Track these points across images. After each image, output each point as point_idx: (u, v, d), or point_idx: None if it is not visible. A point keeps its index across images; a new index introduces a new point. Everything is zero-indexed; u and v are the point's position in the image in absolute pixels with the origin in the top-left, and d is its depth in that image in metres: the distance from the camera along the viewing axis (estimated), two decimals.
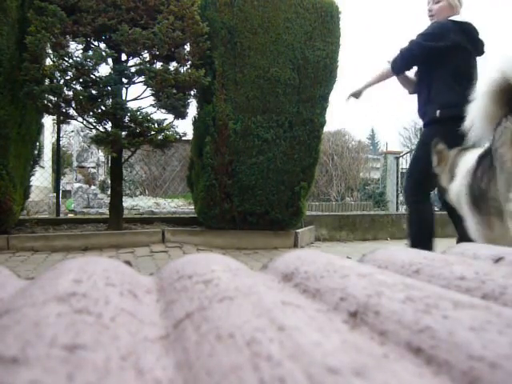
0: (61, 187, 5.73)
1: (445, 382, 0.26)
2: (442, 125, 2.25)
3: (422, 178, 2.41)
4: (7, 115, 3.43)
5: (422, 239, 2.42)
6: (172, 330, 0.35)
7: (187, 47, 3.79)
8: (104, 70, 13.08)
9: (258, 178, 3.80)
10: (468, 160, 1.59)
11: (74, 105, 3.56)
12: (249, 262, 3.03)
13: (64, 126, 7.64)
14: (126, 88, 3.78)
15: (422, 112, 2.49)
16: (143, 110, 3.71)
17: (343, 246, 3.03)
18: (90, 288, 0.38)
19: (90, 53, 3.53)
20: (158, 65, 3.77)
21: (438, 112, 2.29)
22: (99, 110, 3.58)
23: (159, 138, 3.78)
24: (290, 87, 3.82)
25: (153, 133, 3.75)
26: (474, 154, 1.57)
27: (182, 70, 3.73)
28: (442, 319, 0.31)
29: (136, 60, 3.80)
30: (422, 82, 2.47)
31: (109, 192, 4.72)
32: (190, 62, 3.77)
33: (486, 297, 0.42)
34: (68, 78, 3.51)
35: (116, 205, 3.98)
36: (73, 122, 4.36)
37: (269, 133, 3.80)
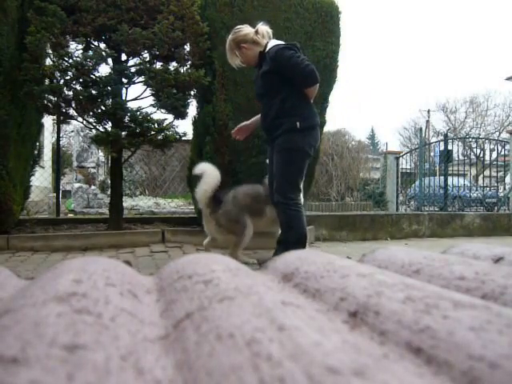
0: (61, 187, 5.72)
1: (445, 382, 0.26)
2: (302, 133, 2.53)
3: (298, 179, 2.55)
4: (7, 115, 3.43)
5: (303, 237, 2.49)
6: (172, 330, 0.34)
7: (187, 47, 3.79)
8: (104, 69, 13.05)
9: (258, 177, 3.79)
10: None
11: (73, 105, 3.55)
12: None
13: (64, 126, 7.66)
14: (126, 88, 3.78)
15: (276, 124, 2.62)
16: (143, 110, 3.71)
17: (343, 246, 3.02)
18: (89, 288, 0.38)
19: (90, 53, 3.52)
20: (158, 65, 3.76)
21: (298, 123, 2.51)
22: (99, 110, 3.57)
23: (159, 137, 3.77)
24: None
25: (153, 133, 3.74)
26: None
27: (182, 70, 3.72)
28: (442, 319, 0.31)
29: (136, 60, 3.79)
30: (273, 99, 2.66)
31: (109, 192, 4.72)
32: (190, 62, 3.76)
33: (486, 297, 0.42)
34: (68, 77, 3.50)
35: (116, 205, 3.98)
36: (73, 122, 4.36)
37: None
